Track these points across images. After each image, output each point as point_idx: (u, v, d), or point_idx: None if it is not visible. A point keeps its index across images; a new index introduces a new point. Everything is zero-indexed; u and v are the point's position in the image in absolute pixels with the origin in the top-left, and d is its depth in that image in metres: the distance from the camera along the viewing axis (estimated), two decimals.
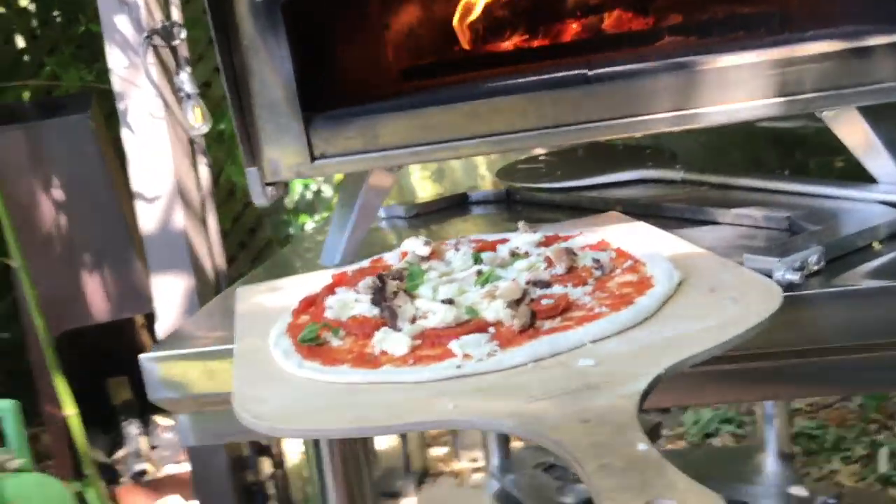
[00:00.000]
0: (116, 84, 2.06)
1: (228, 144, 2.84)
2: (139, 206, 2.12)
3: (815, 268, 0.74)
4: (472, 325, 0.69)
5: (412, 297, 0.75)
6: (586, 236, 0.87)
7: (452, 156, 0.93)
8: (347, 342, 0.72)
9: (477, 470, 2.57)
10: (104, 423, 2.87)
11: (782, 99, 0.85)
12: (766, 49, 0.86)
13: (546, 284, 0.75)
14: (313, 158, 0.93)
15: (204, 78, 2.77)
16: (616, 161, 1.22)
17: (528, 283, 0.75)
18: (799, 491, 1.70)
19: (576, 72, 0.93)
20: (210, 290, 2.27)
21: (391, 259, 0.91)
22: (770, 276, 0.73)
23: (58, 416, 2.49)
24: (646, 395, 0.58)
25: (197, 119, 2.06)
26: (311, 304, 0.81)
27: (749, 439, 2.52)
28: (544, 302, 0.71)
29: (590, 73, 0.92)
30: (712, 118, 0.87)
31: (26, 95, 2.93)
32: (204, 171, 2.20)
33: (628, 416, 0.55)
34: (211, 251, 2.25)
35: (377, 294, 0.74)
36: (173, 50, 2.07)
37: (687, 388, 0.78)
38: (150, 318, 2.82)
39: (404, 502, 2.56)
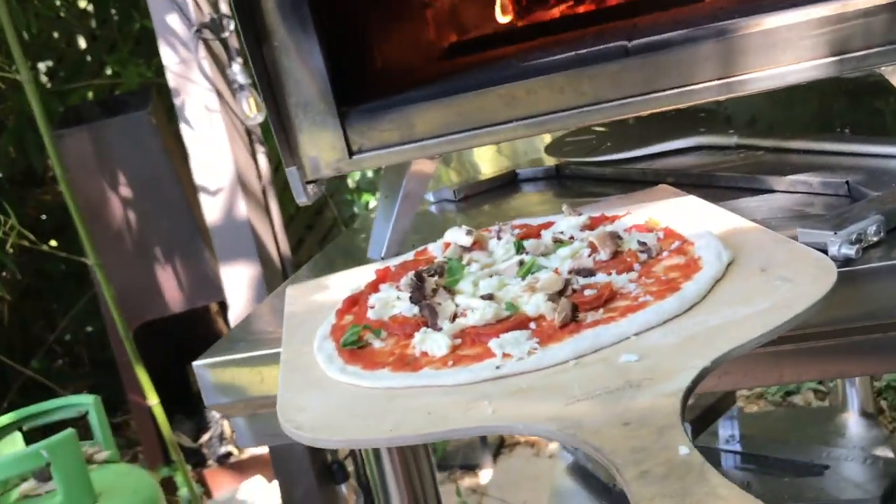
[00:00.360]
0: (171, 80, 2.09)
1: None
2: (203, 198, 2.16)
3: (874, 239, 0.70)
4: (512, 321, 0.68)
5: (452, 293, 0.74)
6: (633, 215, 0.85)
7: (491, 141, 0.91)
8: (389, 343, 0.71)
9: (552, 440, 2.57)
10: (188, 408, 2.96)
11: (834, 58, 0.80)
12: (813, 6, 0.81)
13: (589, 272, 0.73)
14: (351, 153, 0.92)
15: None
16: (668, 128, 1.17)
17: (570, 271, 0.73)
18: (884, 452, 1.64)
19: (614, 44, 0.90)
20: (277, 276, 2.31)
21: (435, 250, 0.90)
22: (825, 251, 0.69)
23: (142, 405, 2.58)
24: (690, 390, 0.56)
25: (252, 109, 2.08)
26: (354, 303, 0.81)
27: (832, 396, 2.45)
28: (587, 293, 0.69)
29: (629, 44, 0.88)
30: (760, 84, 0.82)
31: (90, 95, 3.01)
32: (263, 160, 2.23)
33: (671, 417, 0.53)
34: (275, 238, 2.28)
35: (416, 292, 0.73)
36: (223, 42, 2.09)
37: (744, 371, 0.75)
38: (223, 305, 2.90)
39: (482, 473, 2.58)
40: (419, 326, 0.70)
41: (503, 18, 1.50)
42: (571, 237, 0.82)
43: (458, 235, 0.87)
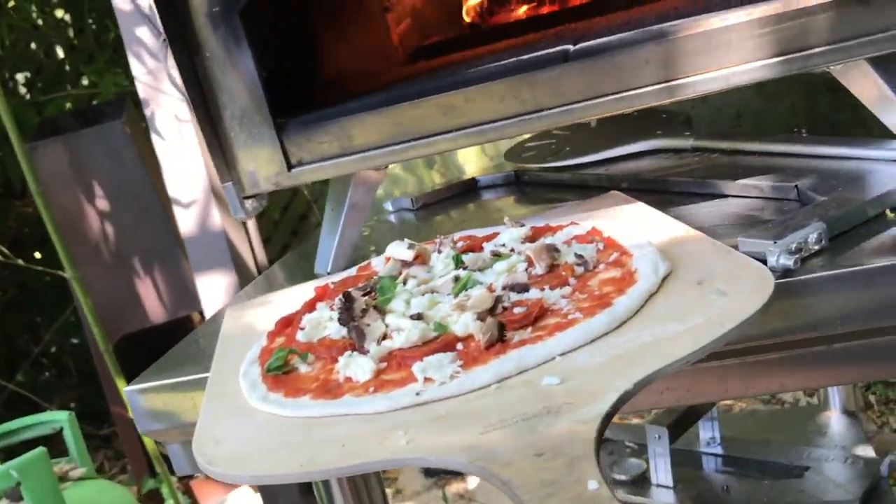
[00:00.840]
0: (141, 91, 2.07)
1: None
2: (176, 210, 2.13)
3: (816, 248, 0.67)
4: (439, 342, 0.65)
5: (383, 313, 0.71)
6: (577, 226, 0.82)
7: (431, 151, 0.88)
8: (315, 368, 0.69)
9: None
10: None
11: (777, 59, 0.78)
12: (754, 6, 0.78)
13: (523, 288, 0.70)
14: (290, 167, 0.90)
15: None
16: (627, 131, 1.15)
17: (504, 287, 0.71)
18: (865, 451, 1.61)
19: (555, 49, 0.87)
20: None
21: (378, 265, 0.87)
22: (765, 261, 0.67)
23: (125, 417, 2.56)
24: (610, 415, 0.53)
25: None
26: (288, 323, 0.79)
27: (819, 393, 2.42)
28: (517, 310, 0.66)
29: (571, 49, 0.86)
30: (702, 86, 0.80)
31: (68, 106, 2.98)
32: None
33: (586, 446, 0.50)
34: (252, 247, 2.26)
35: (344, 313, 0.70)
36: None
37: (687, 386, 0.72)
38: (204, 314, 2.87)
39: (469, 479, 2.55)
40: (346, 350, 0.68)
41: (467, 21, 1.47)
42: (512, 250, 0.80)
43: (399, 250, 0.84)
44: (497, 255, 0.78)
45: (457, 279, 0.74)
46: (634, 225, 0.80)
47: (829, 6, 0.76)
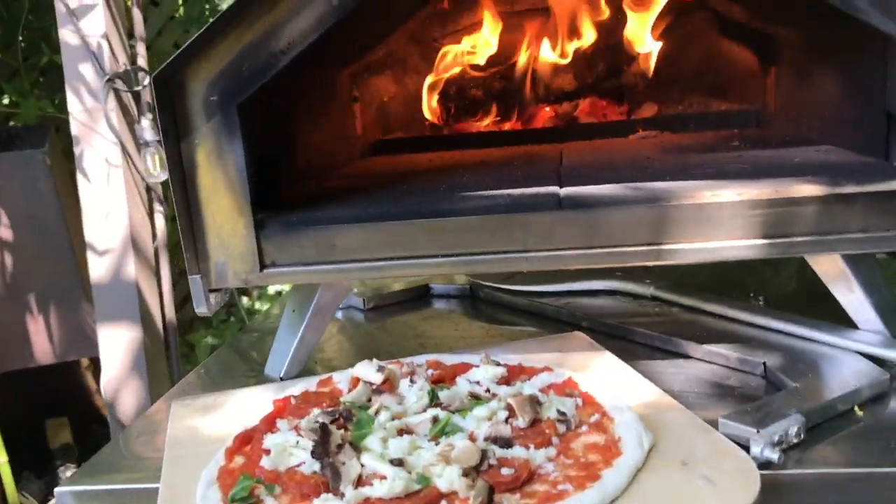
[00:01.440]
0: (74, 128, 1.98)
1: None
2: (91, 255, 2.03)
3: (795, 440, 0.69)
4: (422, 497, 0.62)
5: (358, 451, 0.68)
6: (551, 372, 0.82)
7: (414, 273, 0.87)
8: (283, 501, 0.65)
9: None
10: (40, 465, 2.74)
11: (765, 241, 0.81)
12: (749, 187, 0.81)
13: (507, 443, 0.68)
14: (263, 266, 0.87)
15: None
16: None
17: (487, 439, 0.69)
18: None
19: (546, 190, 0.88)
20: (158, 343, 2.19)
21: (341, 383, 0.84)
22: (746, 447, 0.68)
23: None
24: None
25: (156, 167, 1.99)
26: (247, 441, 0.74)
27: None
28: (504, 470, 0.65)
29: (561, 194, 0.87)
30: (690, 256, 0.82)
31: None
32: (160, 220, 2.12)
33: None
34: (162, 302, 2.16)
35: (319, 447, 0.67)
36: (135, 95, 2.00)
37: None
38: (95, 361, 2.72)
39: None
40: (319, 489, 0.64)
41: (432, 122, 1.48)
42: (488, 390, 0.78)
43: (368, 372, 0.82)
44: (475, 398, 0.76)
45: (435, 419, 0.72)
46: (608, 380, 0.80)
47: (815, 200, 0.80)
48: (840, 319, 0.88)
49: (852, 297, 0.85)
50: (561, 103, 1.49)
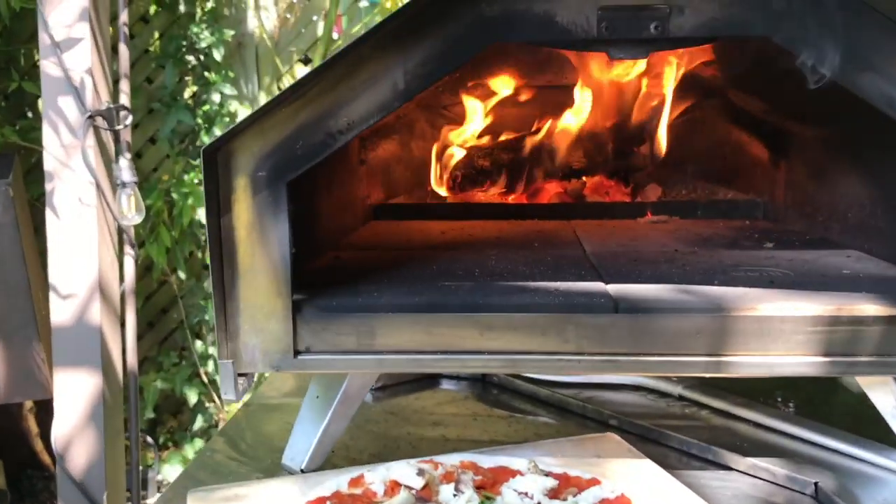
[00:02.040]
0: (48, 163, 1.89)
1: (153, 221, 2.67)
2: (54, 298, 1.92)
3: None
4: None
5: None
6: (601, 487, 0.78)
7: (458, 368, 0.83)
8: None
9: None
10: None
11: (826, 359, 0.79)
12: (809, 300, 0.79)
13: None
14: (297, 353, 0.81)
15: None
16: None
17: None
18: None
19: (596, 287, 0.85)
20: (117, 392, 2.08)
21: (374, 484, 0.78)
22: None
23: None
24: None
25: (131, 209, 1.91)
26: None
27: None
28: None
29: (612, 293, 0.84)
30: (749, 370, 0.79)
31: None
32: (129, 264, 2.03)
33: None
34: (124, 350, 2.06)
35: None
36: (115, 134, 1.92)
37: None
38: (40, 404, 2.59)
39: None
40: None
41: (438, 189, 1.45)
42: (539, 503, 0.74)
43: (409, 477, 0.77)
44: None
45: None
46: (664, 497, 0.77)
47: (880, 320, 0.78)
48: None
49: None
50: (569, 180, 1.48)
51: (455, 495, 0.74)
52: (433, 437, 0.97)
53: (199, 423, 2.84)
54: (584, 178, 1.49)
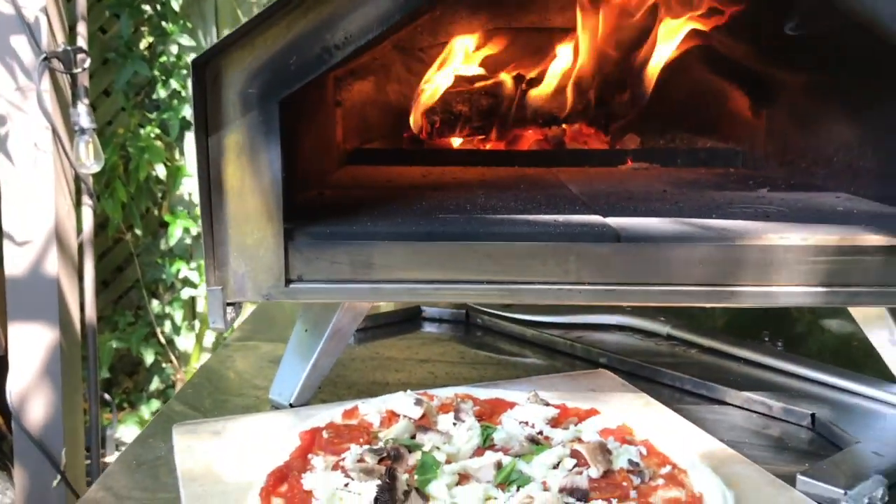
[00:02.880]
0: (1, 106, 1.81)
1: (108, 176, 2.59)
2: (7, 245, 1.85)
3: (880, 503, 0.66)
4: None
5: (426, 498, 0.61)
6: (601, 417, 0.76)
7: (456, 297, 0.80)
8: None
9: None
10: None
11: (828, 289, 0.78)
12: (813, 231, 0.78)
13: (583, 495, 0.62)
14: (288, 281, 0.78)
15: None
16: None
17: (562, 490, 0.63)
18: None
19: (601, 223, 0.83)
20: (76, 346, 2.02)
21: (371, 416, 0.76)
22: None
23: None
24: None
25: (89, 156, 1.83)
26: (281, 479, 0.66)
27: None
28: None
29: (613, 225, 0.82)
30: (750, 299, 0.78)
31: None
32: (87, 214, 1.96)
33: None
34: (82, 303, 2.00)
35: (386, 493, 0.59)
36: (73, 78, 1.85)
37: None
38: None
39: None
40: None
41: (416, 133, 1.42)
42: (541, 432, 0.72)
43: (406, 406, 0.74)
44: (534, 442, 0.70)
45: (498, 465, 0.66)
46: (662, 426, 0.76)
47: (881, 250, 0.78)
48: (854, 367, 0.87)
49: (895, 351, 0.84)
50: (549, 126, 1.45)
51: (455, 424, 0.72)
52: (422, 374, 0.95)
53: (155, 383, 2.78)
54: (563, 126, 1.47)
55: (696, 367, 0.94)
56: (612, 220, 0.84)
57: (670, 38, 1.29)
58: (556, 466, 0.66)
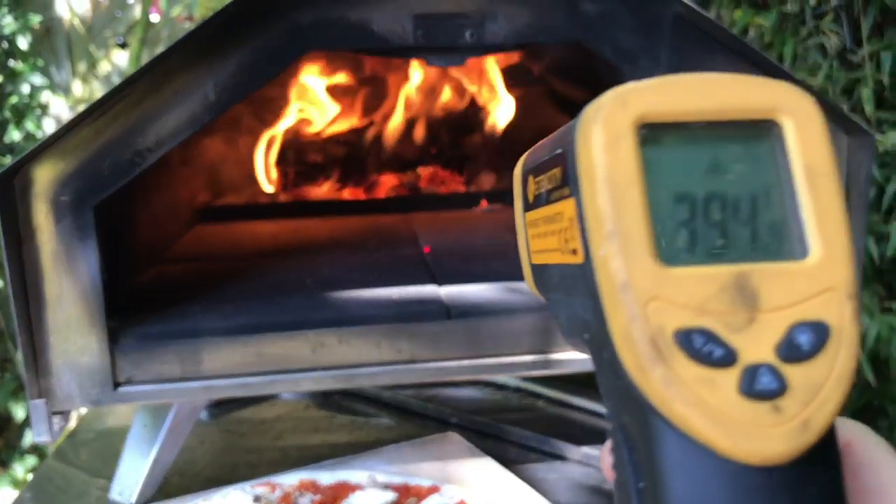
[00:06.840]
0: None
1: None
2: None
3: None
4: None
5: None
6: (440, 494, 0.78)
7: (291, 388, 0.80)
8: None
9: None
10: None
11: None
12: None
13: None
14: (116, 385, 0.77)
15: None
16: None
17: None
18: None
19: (429, 292, 0.85)
20: None
21: None
22: None
23: None
24: None
25: None
26: None
27: None
28: None
29: (443, 297, 0.84)
30: (579, 365, 0.82)
31: None
32: None
33: None
34: None
35: None
36: None
37: None
38: None
39: None
40: None
41: (268, 188, 1.41)
42: None
43: (242, 502, 0.74)
44: None
45: None
46: (502, 497, 0.78)
47: None
48: None
49: None
50: (405, 171, 1.47)
51: None
52: (273, 453, 0.95)
53: (28, 438, 2.67)
54: (418, 171, 1.49)
55: (542, 421, 0.97)
56: (447, 291, 0.86)
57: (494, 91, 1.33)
58: None
